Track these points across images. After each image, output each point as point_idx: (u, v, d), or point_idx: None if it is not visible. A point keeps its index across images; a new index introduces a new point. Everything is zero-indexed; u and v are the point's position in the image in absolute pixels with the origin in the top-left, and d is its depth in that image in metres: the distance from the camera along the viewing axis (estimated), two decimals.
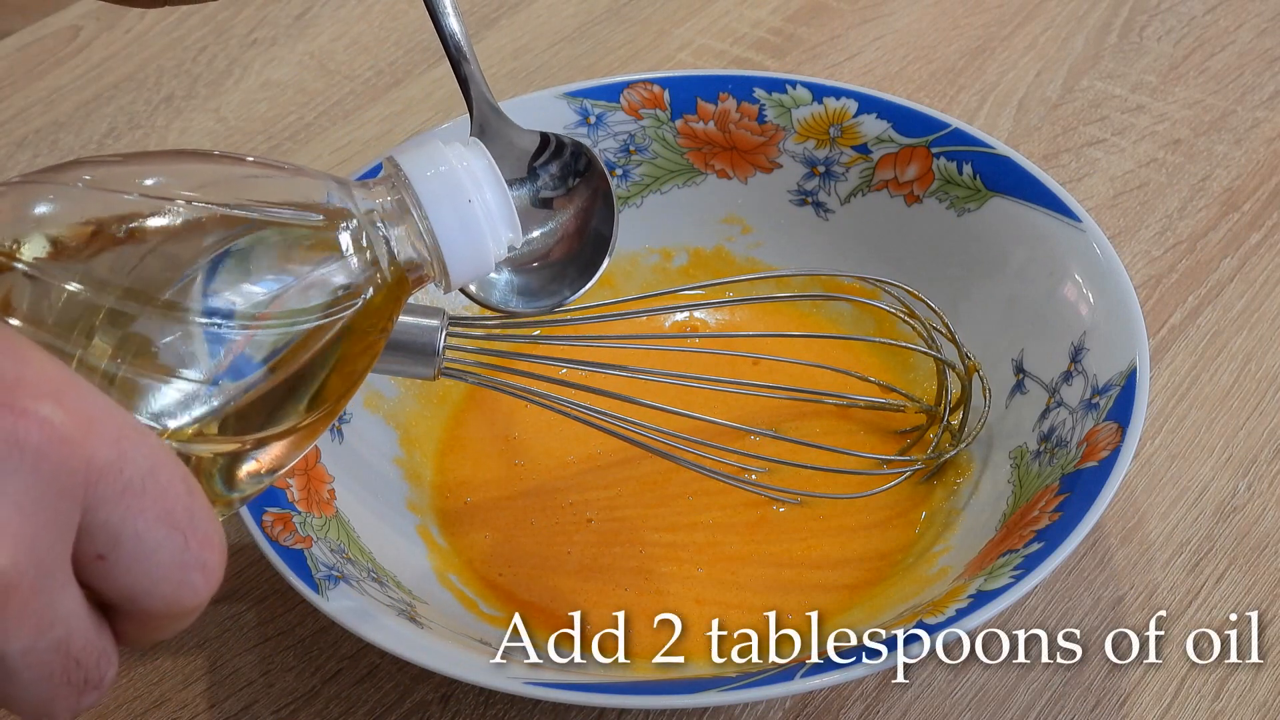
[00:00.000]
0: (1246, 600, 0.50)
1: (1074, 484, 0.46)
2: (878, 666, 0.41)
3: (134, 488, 0.30)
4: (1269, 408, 0.57)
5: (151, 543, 0.30)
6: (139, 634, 0.32)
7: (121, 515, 0.30)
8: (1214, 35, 0.75)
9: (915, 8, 0.79)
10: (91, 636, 0.31)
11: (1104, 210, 0.65)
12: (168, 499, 0.30)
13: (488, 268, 0.40)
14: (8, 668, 0.29)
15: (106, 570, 0.30)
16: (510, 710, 0.48)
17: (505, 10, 0.79)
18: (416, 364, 0.49)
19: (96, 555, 0.30)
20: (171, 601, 0.31)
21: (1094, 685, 0.48)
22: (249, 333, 0.35)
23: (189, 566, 0.31)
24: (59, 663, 0.30)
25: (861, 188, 0.59)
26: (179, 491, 0.31)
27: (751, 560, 0.51)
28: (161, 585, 0.31)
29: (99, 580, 0.30)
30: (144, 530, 0.30)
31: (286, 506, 0.47)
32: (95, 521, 0.29)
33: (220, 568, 0.32)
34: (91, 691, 0.31)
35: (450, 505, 0.54)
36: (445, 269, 0.39)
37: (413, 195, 0.38)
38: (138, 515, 0.30)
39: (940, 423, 0.54)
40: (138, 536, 0.30)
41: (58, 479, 0.29)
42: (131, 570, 0.30)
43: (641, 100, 0.60)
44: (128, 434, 0.30)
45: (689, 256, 0.61)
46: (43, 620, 0.29)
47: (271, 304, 0.36)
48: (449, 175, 0.39)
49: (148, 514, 0.30)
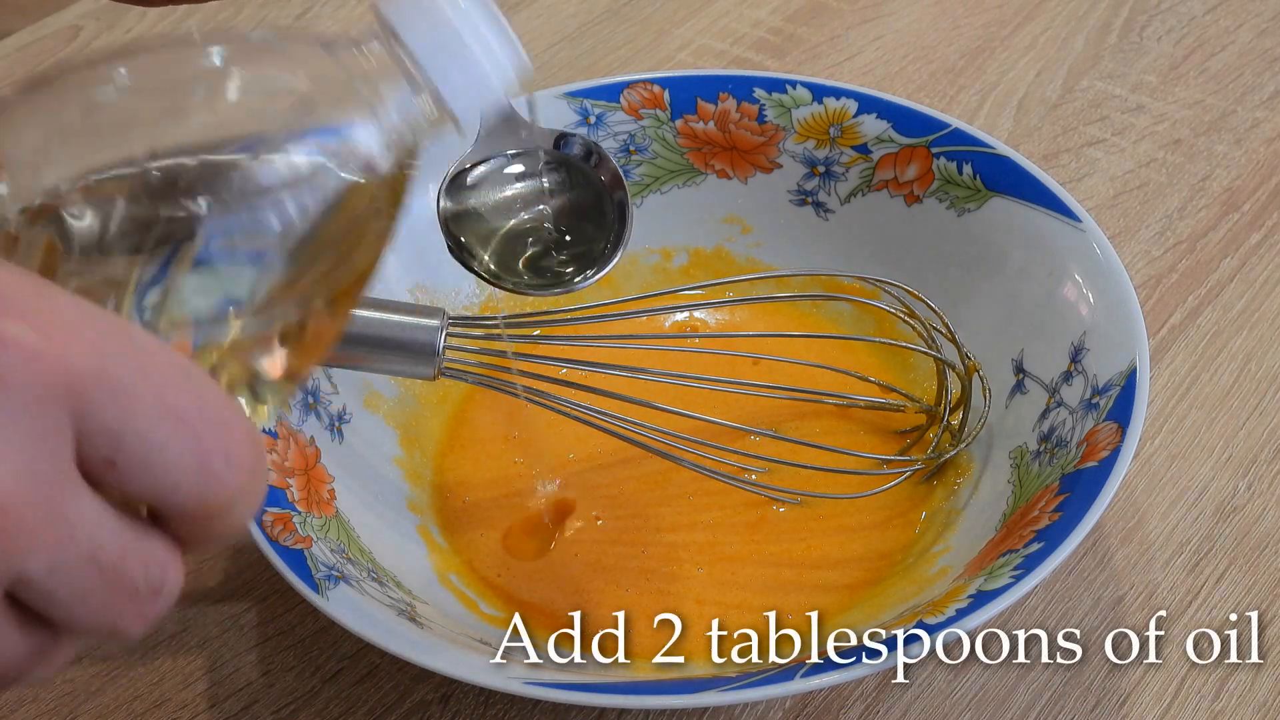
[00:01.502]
0: (1246, 600, 0.50)
1: (1074, 484, 0.46)
2: (878, 666, 0.41)
3: (124, 387, 0.29)
4: (1269, 408, 0.57)
5: (158, 440, 0.29)
6: (192, 535, 0.31)
7: (118, 417, 0.29)
8: (1214, 35, 0.75)
9: (915, 8, 0.79)
10: (129, 543, 0.30)
11: (1104, 210, 0.65)
12: (165, 393, 0.29)
13: (493, 92, 0.38)
14: (41, 590, 0.29)
15: (121, 475, 0.29)
16: (510, 710, 0.48)
17: (505, 10, 0.79)
18: (416, 364, 0.49)
19: (106, 462, 0.29)
20: (203, 495, 0.30)
21: (1094, 685, 0.48)
22: (244, 215, 0.34)
23: (208, 457, 0.30)
24: (96, 575, 0.29)
25: (861, 188, 0.59)
26: (177, 383, 0.30)
27: (751, 560, 0.51)
28: (183, 481, 0.30)
29: (120, 486, 0.29)
30: (145, 429, 0.29)
31: (286, 506, 0.47)
32: (92, 429, 0.28)
33: (245, 453, 0.31)
34: (155, 599, 0.31)
35: (450, 505, 0.54)
36: (441, 98, 0.37)
37: (396, 37, 0.37)
38: (135, 415, 0.29)
39: (940, 423, 0.54)
40: (140, 436, 0.29)
41: (34, 394, 0.28)
42: (146, 471, 0.29)
43: (641, 100, 0.60)
44: (109, 336, 0.29)
45: (689, 256, 0.61)
46: (60, 535, 0.28)
47: (259, 173, 0.34)
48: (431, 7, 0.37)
49: (146, 412, 0.29)
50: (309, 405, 0.51)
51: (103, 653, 0.50)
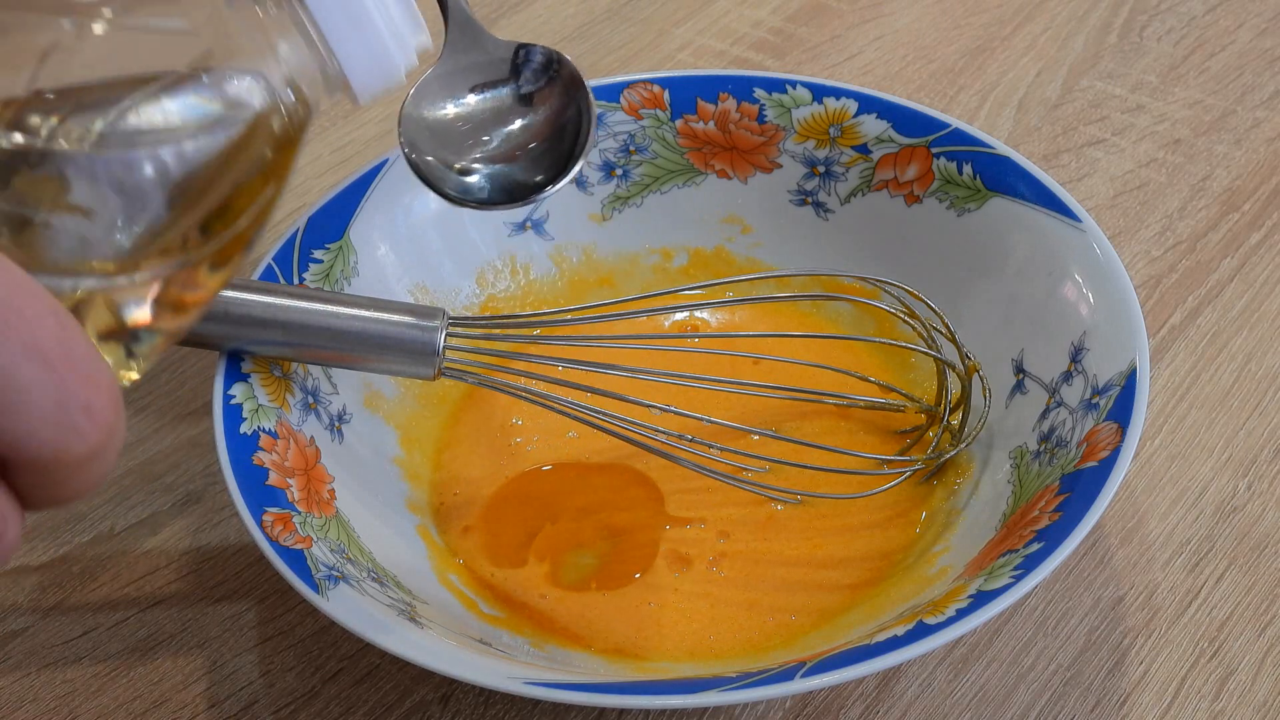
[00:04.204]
0: (1246, 600, 0.50)
1: (1074, 484, 0.46)
2: (878, 666, 0.41)
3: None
4: (1269, 408, 0.57)
5: (21, 380, 0.28)
6: (42, 489, 0.30)
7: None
8: (1214, 35, 0.76)
9: (915, 8, 0.79)
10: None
11: (1104, 210, 0.65)
12: (34, 331, 0.28)
13: (395, 72, 0.37)
14: None
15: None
16: (510, 710, 0.48)
17: (505, 10, 0.79)
18: (416, 364, 0.49)
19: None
20: (58, 447, 0.29)
21: (1094, 685, 0.48)
22: (124, 152, 0.32)
23: (68, 407, 0.28)
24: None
25: (861, 188, 0.59)
26: (48, 325, 0.28)
27: (751, 560, 0.51)
28: (41, 428, 0.28)
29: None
30: (7, 365, 0.27)
31: (286, 506, 0.47)
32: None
33: (108, 411, 0.29)
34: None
35: (450, 505, 0.54)
36: (340, 70, 0.36)
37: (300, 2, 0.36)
38: (2, 351, 0.27)
39: (940, 423, 0.54)
40: (3, 372, 0.27)
41: None
42: (3, 411, 0.28)
43: (641, 100, 0.60)
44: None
45: (689, 256, 0.61)
46: None
47: (141, 116, 0.32)
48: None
49: (10, 347, 0.27)
50: (309, 405, 0.51)
51: (103, 652, 0.50)
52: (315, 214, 0.55)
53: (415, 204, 0.57)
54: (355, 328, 0.49)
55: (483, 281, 0.59)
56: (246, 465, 0.47)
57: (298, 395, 0.51)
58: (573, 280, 0.60)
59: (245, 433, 0.48)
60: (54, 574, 0.53)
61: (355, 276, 0.55)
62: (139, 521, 0.55)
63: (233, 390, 0.49)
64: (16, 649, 0.51)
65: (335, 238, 0.55)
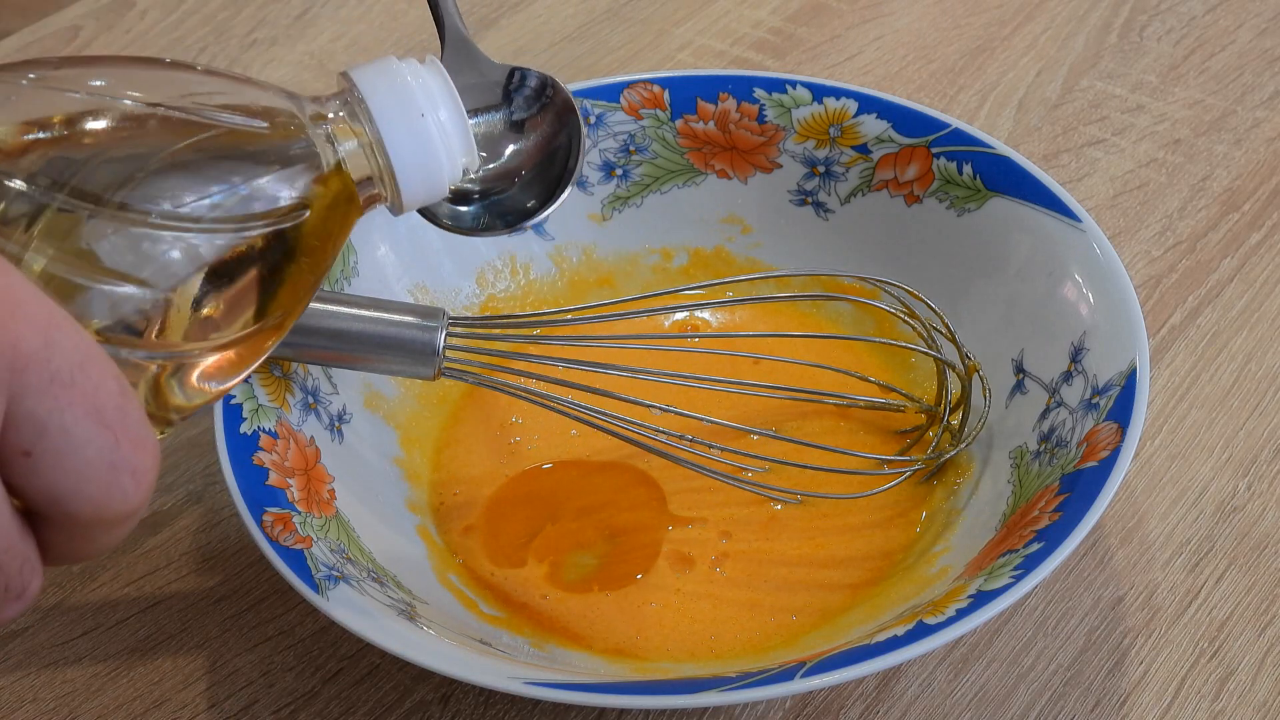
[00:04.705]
0: (1246, 600, 0.50)
1: (1074, 484, 0.46)
2: (878, 666, 0.41)
3: (62, 379, 0.28)
4: (1269, 408, 0.57)
5: (79, 438, 0.29)
6: (66, 544, 0.31)
7: (49, 408, 0.28)
8: (1214, 35, 0.76)
9: (915, 8, 0.79)
10: (15, 541, 0.29)
11: (1104, 210, 0.65)
12: (99, 394, 0.29)
13: (441, 189, 0.39)
14: None
15: (32, 467, 0.28)
16: (510, 710, 0.48)
17: (505, 10, 0.79)
18: (416, 364, 0.49)
19: (22, 451, 0.28)
20: (100, 505, 0.29)
21: (1094, 685, 0.48)
22: (189, 238, 0.34)
23: (119, 468, 0.29)
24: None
25: (861, 188, 0.59)
26: (111, 389, 0.29)
27: (754, 559, 0.51)
28: (89, 486, 0.29)
29: (24, 478, 0.29)
30: (71, 425, 0.28)
31: (286, 506, 0.47)
32: (20, 413, 0.28)
33: (151, 474, 0.30)
34: (16, 602, 0.30)
35: (450, 505, 0.54)
36: (397, 186, 0.38)
37: (365, 109, 0.37)
38: (66, 408, 0.28)
39: (940, 423, 0.54)
40: (65, 431, 0.28)
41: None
42: (58, 467, 0.29)
43: (641, 100, 0.60)
44: (58, 323, 0.28)
45: (689, 256, 0.61)
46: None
47: (214, 210, 0.34)
48: (403, 89, 0.38)
49: (76, 408, 0.28)
50: (309, 405, 0.51)
51: (103, 652, 0.50)
52: None
53: None
54: (355, 328, 0.49)
55: (483, 281, 0.59)
56: (246, 465, 0.47)
57: (298, 395, 0.51)
58: (573, 280, 0.60)
59: (245, 433, 0.48)
60: (54, 574, 0.53)
61: (355, 276, 0.55)
62: (139, 521, 0.55)
63: (233, 390, 0.49)
64: (16, 649, 0.51)
65: None
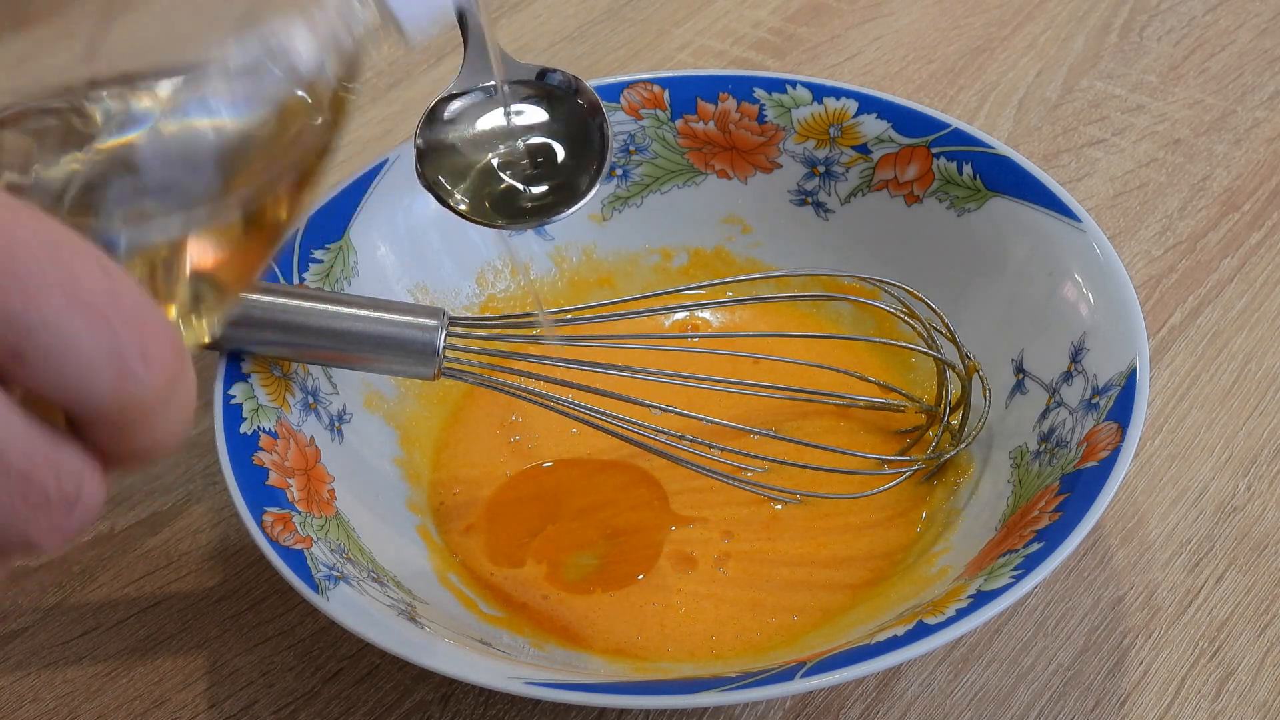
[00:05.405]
0: (1246, 600, 0.50)
1: (1074, 484, 0.46)
2: (878, 666, 0.41)
3: (30, 272, 0.27)
4: (1269, 408, 0.57)
5: (68, 331, 0.27)
6: (119, 441, 0.29)
7: (23, 304, 0.27)
8: (1214, 35, 0.76)
9: (915, 8, 0.79)
10: (39, 448, 0.28)
11: (1104, 210, 0.65)
12: (77, 281, 0.27)
13: (444, 8, 0.37)
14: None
15: (31, 370, 0.27)
16: (510, 710, 0.48)
17: (505, 10, 0.79)
18: (416, 364, 0.49)
19: (12, 355, 0.27)
20: (119, 395, 0.28)
21: (1094, 685, 0.48)
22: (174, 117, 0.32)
23: (122, 354, 0.28)
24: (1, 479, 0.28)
25: (861, 188, 0.59)
26: (91, 272, 0.28)
27: (755, 559, 0.51)
28: (97, 378, 0.28)
29: (31, 383, 0.28)
30: (53, 318, 0.27)
31: (286, 506, 0.47)
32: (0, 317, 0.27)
33: (169, 357, 0.29)
34: (69, 511, 0.29)
35: (450, 505, 0.54)
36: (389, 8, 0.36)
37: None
38: (42, 302, 0.27)
39: (940, 423, 0.54)
40: (47, 326, 0.27)
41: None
42: (56, 366, 0.27)
43: (641, 100, 0.60)
44: (17, 219, 0.27)
45: (689, 256, 0.61)
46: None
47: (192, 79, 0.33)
48: None
49: (54, 299, 0.27)
50: (309, 405, 0.51)
51: (103, 652, 0.50)
52: (315, 214, 0.55)
53: (415, 204, 0.57)
54: (355, 328, 0.49)
55: (483, 281, 0.59)
56: (246, 465, 0.47)
57: (298, 395, 0.51)
58: (573, 280, 0.60)
59: (245, 433, 0.48)
60: (54, 574, 0.53)
61: (355, 276, 0.55)
62: (139, 521, 0.55)
63: (233, 390, 0.49)
64: (16, 649, 0.51)
65: (335, 238, 0.55)
